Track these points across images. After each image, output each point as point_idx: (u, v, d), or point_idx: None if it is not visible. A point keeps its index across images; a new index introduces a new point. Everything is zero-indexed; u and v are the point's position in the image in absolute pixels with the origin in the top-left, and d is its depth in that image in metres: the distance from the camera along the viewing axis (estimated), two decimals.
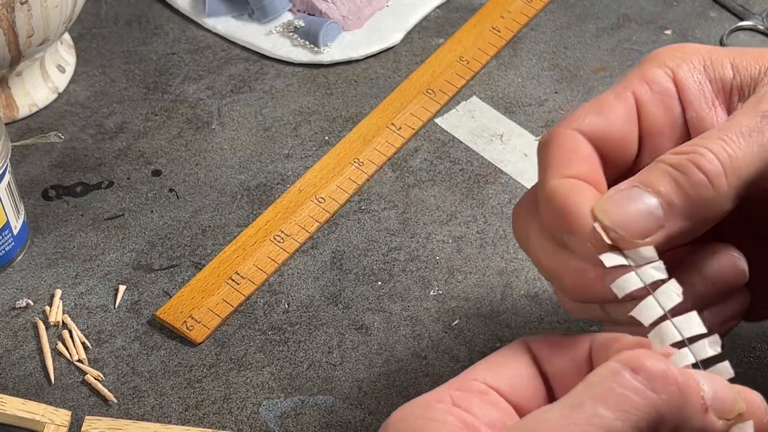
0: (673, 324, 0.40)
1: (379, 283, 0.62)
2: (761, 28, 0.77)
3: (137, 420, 0.56)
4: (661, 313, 0.40)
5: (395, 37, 0.76)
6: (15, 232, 0.61)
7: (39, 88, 0.71)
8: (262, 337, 0.60)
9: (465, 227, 0.65)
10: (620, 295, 0.41)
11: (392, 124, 0.70)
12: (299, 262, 0.63)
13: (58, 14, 0.64)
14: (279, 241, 0.64)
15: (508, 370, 0.42)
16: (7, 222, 0.60)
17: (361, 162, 0.68)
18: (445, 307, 0.61)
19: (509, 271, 0.63)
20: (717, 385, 0.39)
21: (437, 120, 0.71)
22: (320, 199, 0.66)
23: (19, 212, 0.62)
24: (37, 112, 0.71)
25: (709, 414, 0.38)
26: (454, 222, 0.65)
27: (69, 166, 0.68)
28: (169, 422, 0.56)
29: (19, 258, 0.63)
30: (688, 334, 0.40)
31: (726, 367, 0.40)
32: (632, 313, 0.41)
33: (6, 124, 0.69)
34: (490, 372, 0.41)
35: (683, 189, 0.42)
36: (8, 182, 0.59)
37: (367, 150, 0.69)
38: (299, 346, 0.59)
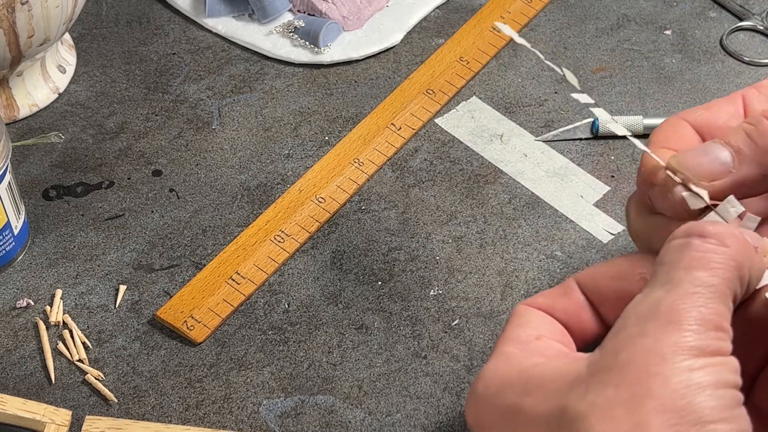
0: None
1: (379, 283, 0.62)
2: (761, 28, 0.77)
3: (138, 420, 0.56)
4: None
5: (395, 38, 0.76)
6: (15, 232, 0.62)
7: (39, 88, 0.71)
8: (262, 337, 0.60)
9: (465, 227, 0.65)
10: None
11: (392, 124, 0.70)
12: (299, 262, 0.63)
13: (59, 14, 0.64)
14: (279, 241, 0.64)
15: (536, 321, 0.45)
16: (8, 222, 0.60)
17: (362, 162, 0.68)
18: (445, 307, 0.61)
19: (509, 271, 0.63)
20: (751, 234, 0.44)
21: (437, 120, 0.71)
22: (320, 199, 0.66)
23: (19, 212, 0.62)
24: (37, 112, 0.71)
25: (759, 254, 0.42)
26: (454, 222, 0.65)
27: (69, 166, 0.68)
28: (170, 422, 0.56)
29: (19, 258, 0.63)
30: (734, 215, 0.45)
31: (754, 219, 0.45)
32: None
33: (7, 124, 0.69)
34: (522, 330, 0.45)
35: (752, 138, 0.46)
36: (9, 182, 0.59)
37: (367, 150, 0.69)
38: (299, 346, 0.59)
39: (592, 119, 0.70)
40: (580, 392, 0.39)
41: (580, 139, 0.70)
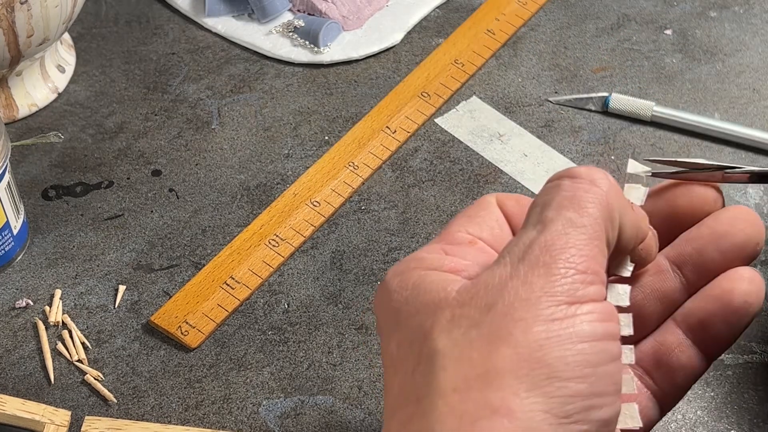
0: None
1: (379, 283, 0.62)
2: None
3: (137, 420, 0.56)
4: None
5: (395, 37, 0.76)
6: (15, 232, 0.61)
7: (39, 88, 0.71)
8: (262, 337, 0.60)
9: None
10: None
11: (387, 127, 0.70)
12: (299, 262, 0.63)
13: (58, 14, 0.64)
14: (274, 245, 0.63)
15: (486, 221, 0.43)
16: (7, 222, 0.60)
17: (356, 165, 0.68)
18: None
19: None
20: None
21: (437, 120, 0.71)
22: (315, 203, 0.66)
23: (18, 212, 0.62)
24: (36, 112, 0.71)
25: (636, 213, 0.41)
26: None
27: (69, 166, 0.68)
28: (169, 422, 0.56)
29: (19, 258, 0.63)
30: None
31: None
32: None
33: (6, 124, 0.69)
34: (472, 224, 0.43)
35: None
36: (8, 182, 0.59)
37: (362, 153, 0.68)
38: (299, 346, 0.59)
39: (606, 94, 0.72)
40: (445, 322, 0.38)
41: (590, 110, 0.71)
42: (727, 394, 0.58)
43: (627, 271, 0.42)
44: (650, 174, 0.45)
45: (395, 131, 0.70)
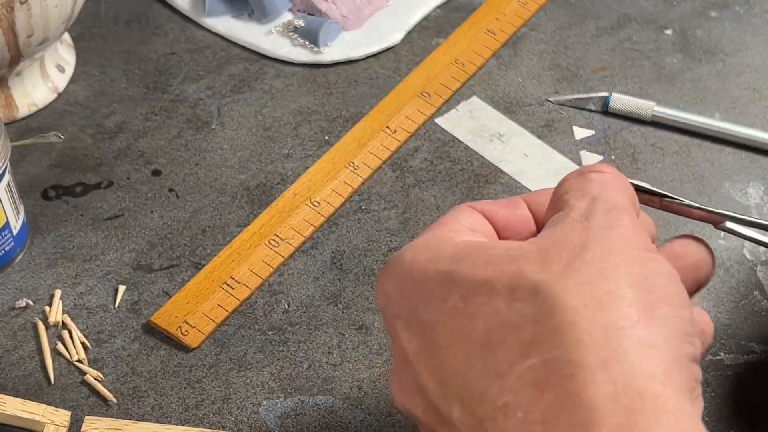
0: None
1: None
2: None
3: (137, 420, 0.56)
4: None
5: (395, 37, 0.76)
6: (14, 232, 0.61)
7: (38, 87, 0.71)
8: (262, 337, 0.60)
9: None
10: None
11: (387, 127, 0.70)
12: (299, 262, 0.63)
13: (58, 14, 0.64)
14: (274, 245, 0.63)
15: (472, 219, 0.44)
16: (7, 222, 0.60)
17: (356, 165, 0.68)
18: None
19: None
20: None
21: (437, 120, 0.71)
22: (315, 203, 0.66)
23: (18, 212, 0.62)
24: (36, 112, 0.71)
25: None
26: None
27: (69, 166, 0.68)
28: (169, 422, 0.56)
29: (18, 258, 0.63)
30: None
31: None
32: None
33: (6, 124, 0.69)
34: (464, 220, 0.44)
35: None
36: (8, 182, 0.59)
37: (362, 153, 0.68)
38: (299, 346, 0.59)
39: (606, 94, 0.71)
40: (537, 263, 0.38)
41: (590, 110, 0.71)
42: (727, 394, 0.58)
43: None
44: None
45: (395, 131, 0.70)
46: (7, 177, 0.59)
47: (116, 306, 0.61)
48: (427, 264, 0.41)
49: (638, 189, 0.47)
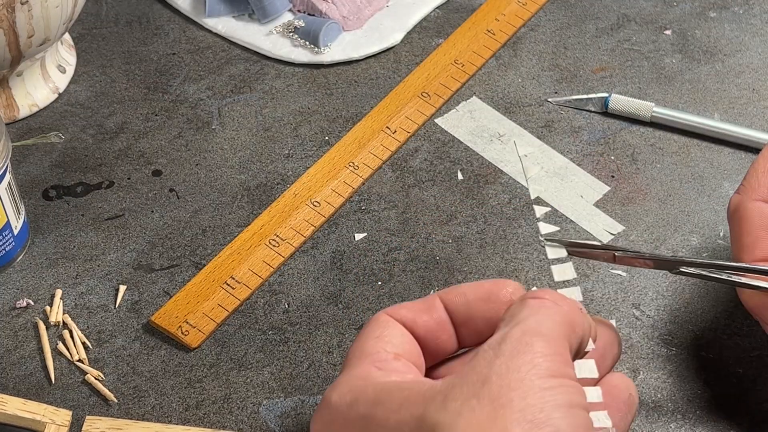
0: None
1: (379, 283, 0.62)
2: None
3: (138, 420, 0.56)
4: None
5: (395, 38, 0.76)
6: (15, 232, 0.62)
7: (39, 88, 0.71)
8: (262, 337, 0.60)
9: (465, 227, 0.65)
10: None
11: (387, 127, 0.70)
12: (299, 262, 0.63)
13: (59, 14, 0.64)
14: (274, 245, 0.64)
15: (395, 337, 0.47)
16: (8, 222, 0.60)
17: (357, 165, 0.68)
18: None
19: (509, 271, 0.63)
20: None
21: (437, 120, 0.71)
22: (315, 203, 0.66)
23: (19, 212, 0.62)
24: (37, 112, 0.71)
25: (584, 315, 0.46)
26: (454, 222, 0.65)
27: (69, 166, 0.68)
28: (170, 422, 0.56)
29: (19, 258, 0.63)
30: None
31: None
32: None
33: (6, 124, 0.69)
34: (384, 343, 0.46)
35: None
36: (9, 182, 0.59)
37: (363, 153, 0.69)
38: (299, 346, 0.59)
39: (605, 94, 0.72)
40: (438, 403, 0.41)
41: (590, 111, 0.71)
42: (727, 394, 0.58)
43: (591, 346, 0.47)
44: (567, 253, 0.53)
45: (395, 131, 0.70)
46: (8, 177, 0.59)
47: (117, 306, 0.61)
48: (349, 410, 0.44)
49: (589, 246, 0.51)
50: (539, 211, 0.54)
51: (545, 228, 0.54)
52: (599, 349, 0.48)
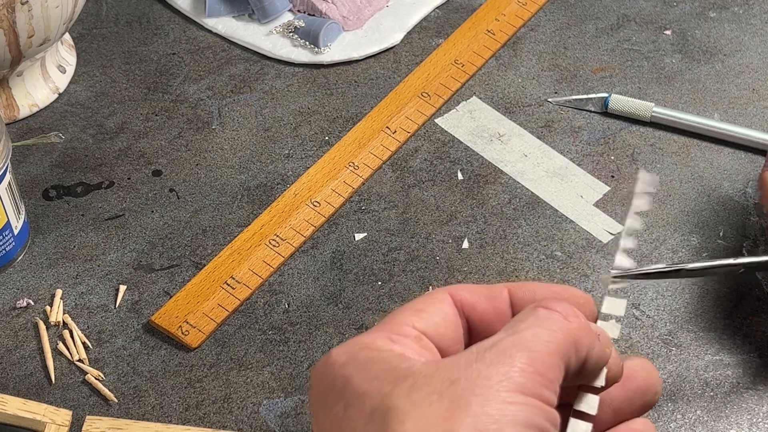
0: None
1: (379, 283, 0.62)
2: None
3: (138, 420, 0.56)
4: None
5: (395, 38, 0.76)
6: (16, 232, 0.62)
7: (39, 88, 0.71)
8: (262, 337, 0.60)
9: (465, 227, 0.65)
10: None
11: (387, 127, 0.70)
12: (299, 262, 0.63)
13: (59, 14, 0.64)
14: (274, 245, 0.64)
15: (433, 317, 0.45)
16: (8, 222, 0.61)
17: (357, 165, 0.68)
18: None
19: (509, 271, 0.63)
20: (594, 325, 0.46)
21: (437, 120, 0.71)
22: (315, 203, 0.66)
23: (19, 212, 0.62)
24: (37, 112, 0.71)
25: (601, 343, 0.44)
26: (454, 222, 0.65)
27: (69, 166, 0.68)
28: (170, 422, 0.56)
29: (19, 258, 0.63)
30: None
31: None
32: None
33: (7, 124, 0.69)
34: (419, 318, 0.45)
35: None
36: (9, 182, 0.59)
37: (363, 153, 0.69)
38: (299, 346, 0.60)
39: (605, 94, 0.72)
40: (405, 388, 0.40)
41: (590, 111, 0.71)
42: (727, 394, 0.58)
43: (601, 381, 0.45)
44: (626, 294, 0.48)
45: (395, 131, 0.70)
46: (8, 177, 0.59)
47: (117, 306, 0.61)
48: (339, 368, 0.43)
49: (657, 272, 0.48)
50: (625, 243, 0.47)
51: (623, 261, 0.48)
52: (629, 392, 0.47)
